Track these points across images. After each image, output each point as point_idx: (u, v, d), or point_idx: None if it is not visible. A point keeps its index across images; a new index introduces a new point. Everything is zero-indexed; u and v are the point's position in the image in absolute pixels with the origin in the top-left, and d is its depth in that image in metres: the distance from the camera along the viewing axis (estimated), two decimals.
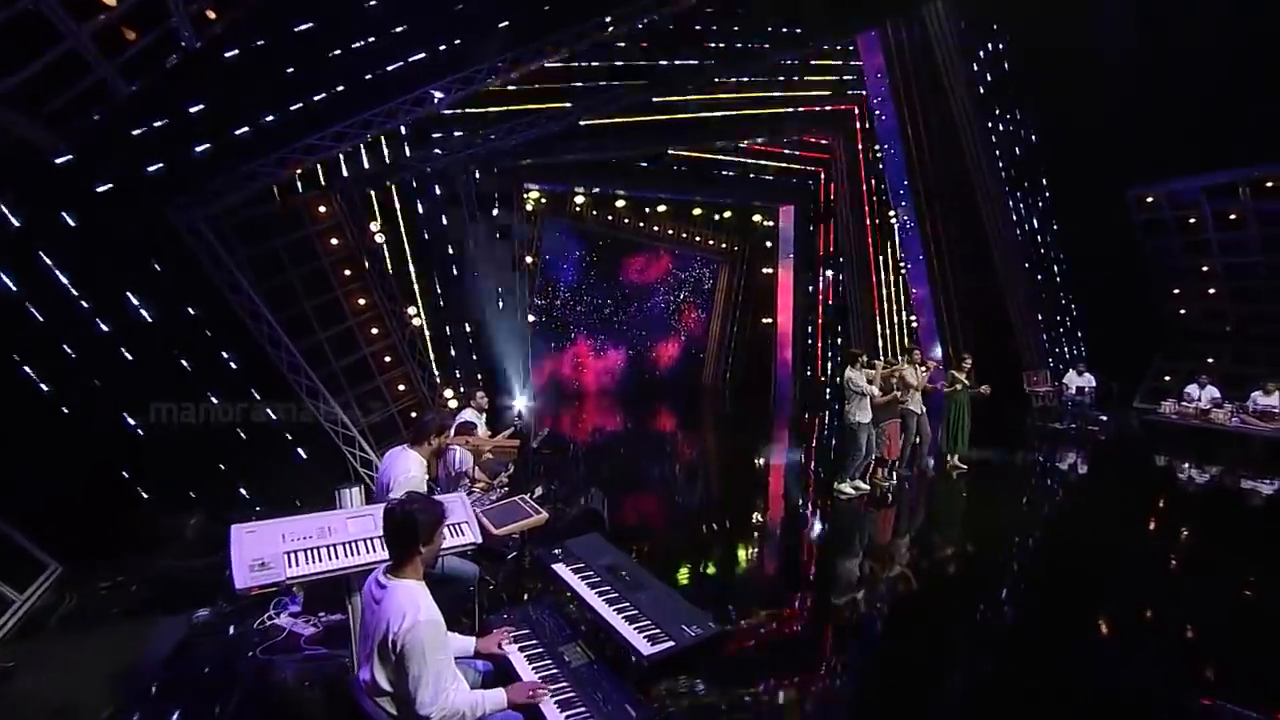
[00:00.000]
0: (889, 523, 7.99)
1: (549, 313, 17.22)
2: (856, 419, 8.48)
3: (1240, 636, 4.84)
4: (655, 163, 15.11)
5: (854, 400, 8.52)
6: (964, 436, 9.83)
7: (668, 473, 10.31)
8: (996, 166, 14.55)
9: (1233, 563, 6.32)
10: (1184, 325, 15.32)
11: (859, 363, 8.58)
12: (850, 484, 8.65)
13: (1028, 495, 9.19)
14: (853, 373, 8.57)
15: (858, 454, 8.53)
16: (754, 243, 18.64)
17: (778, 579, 6.41)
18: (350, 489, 4.45)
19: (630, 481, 9.71)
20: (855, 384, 8.47)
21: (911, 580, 6.21)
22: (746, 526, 7.68)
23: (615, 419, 14.88)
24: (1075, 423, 13.15)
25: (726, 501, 8.89)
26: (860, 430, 8.47)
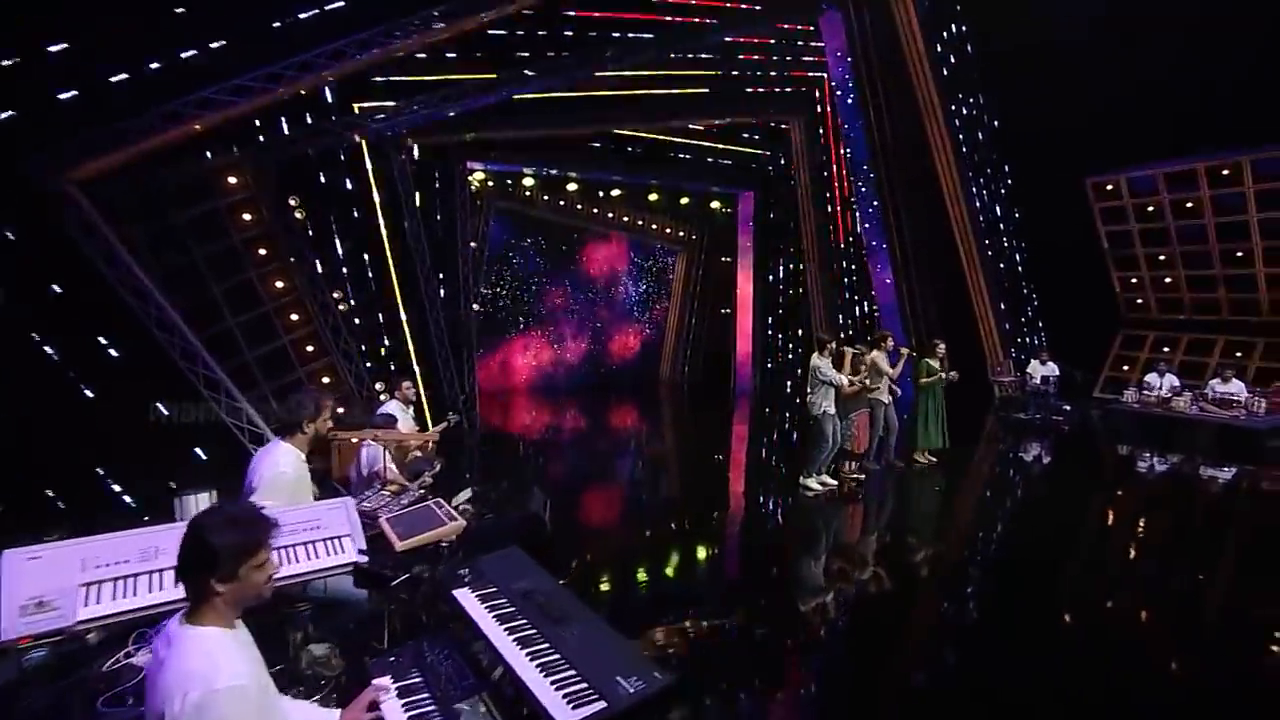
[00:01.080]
0: (857, 520, 7.38)
1: (496, 302, 16.25)
2: (822, 409, 7.85)
3: (1209, 630, 4.72)
4: (607, 144, 14.31)
5: (819, 390, 7.89)
6: (938, 428, 9.33)
7: (620, 470, 9.54)
8: (960, 152, 14.19)
9: (1197, 554, 6.20)
10: (1141, 314, 15.27)
11: (827, 350, 7.96)
12: (816, 479, 8.03)
13: (998, 489, 8.74)
14: (819, 360, 7.94)
15: (823, 447, 7.90)
16: (713, 230, 17.98)
17: (738, 583, 5.72)
18: (195, 495, 3.54)
19: (578, 481, 8.92)
20: (822, 373, 7.84)
21: (882, 581, 5.61)
22: (704, 528, 6.97)
23: (566, 413, 14.03)
24: (1039, 413, 12.88)
25: (683, 501, 8.17)
26: (825, 421, 7.84)
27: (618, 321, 18.25)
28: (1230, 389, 11.44)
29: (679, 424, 13.64)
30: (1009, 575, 5.71)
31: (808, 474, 8.07)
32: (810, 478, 8.03)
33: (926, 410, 9.32)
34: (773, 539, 6.85)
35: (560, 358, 17.38)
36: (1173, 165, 13.41)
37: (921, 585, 5.55)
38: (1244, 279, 13.70)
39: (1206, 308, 14.40)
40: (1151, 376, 12.56)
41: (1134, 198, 14.17)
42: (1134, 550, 6.51)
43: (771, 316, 17.14)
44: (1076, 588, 5.56)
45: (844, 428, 8.39)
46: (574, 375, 17.41)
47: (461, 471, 8.42)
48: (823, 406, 7.85)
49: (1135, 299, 15.27)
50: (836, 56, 14.74)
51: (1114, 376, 15.18)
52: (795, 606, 4.99)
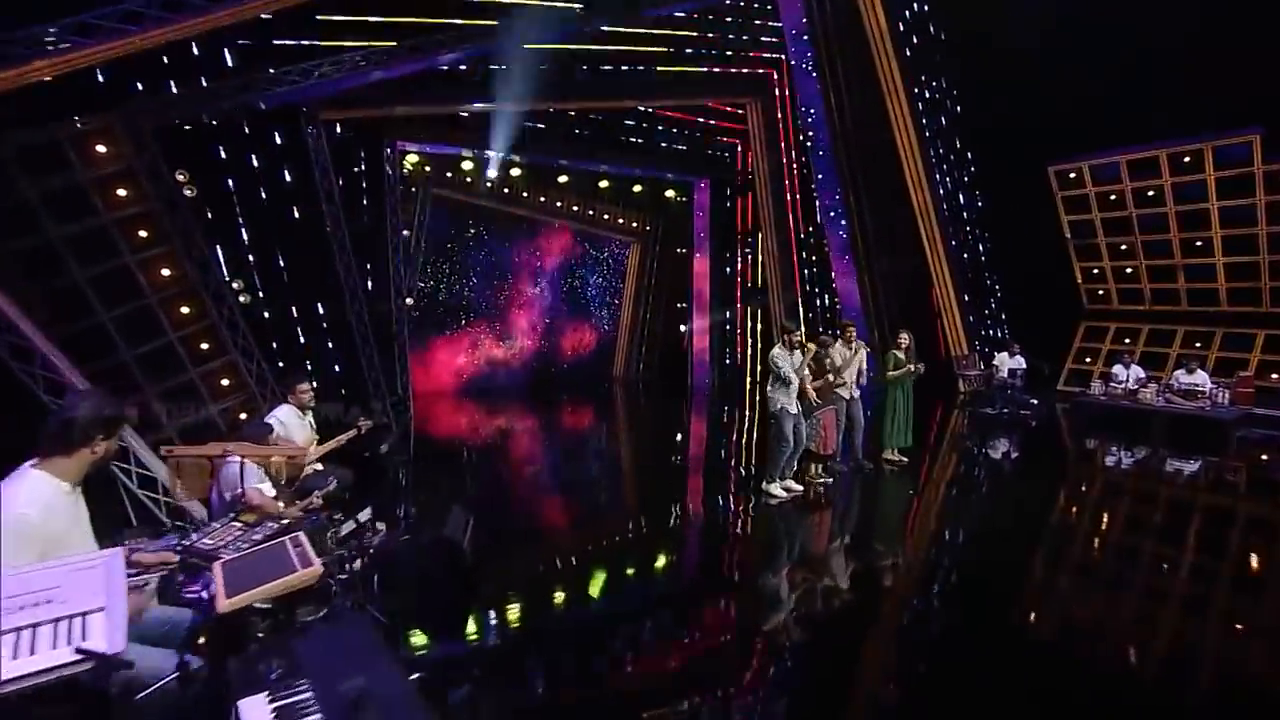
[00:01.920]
0: (825, 530, 6.58)
1: (436, 297, 15.04)
2: (780, 405, 7.01)
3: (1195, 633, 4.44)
4: (553, 126, 13.29)
5: (777, 385, 7.06)
6: (907, 425, 8.63)
7: (562, 481, 8.57)
8: (923, 136, 13.63)
9: (1179, 553, 5.89)
10: (1103, 305, 14.99)
11: (789, 340, 7.13)
12: (779, 484, 7.19)
13: (973, 491, 8.06)
14: (779, 351, 7.10)
15: (783, 448, 7.07)
16: (668, 220, 17.09)
17: (693, 603, 4.83)
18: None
19: (514, 494, 7.91)
20: (778, 364, 7.00)
21: (855, 601, 4.84)
22: (653, 548, 6.06)
23: (509, 416, 12.96)
24: (1007, 407, 12.38)
25: (630, 516, 7.24)
26: (784, 420, 7.00)
27: (568, 317, 17.21)
28: (1195, 380, 11.18)
29: (630, 426, 12.71)
30: (994, 588, 4.98)
31: (769, 478, 7.23)
32: (773, 483, 7.20)
33: (895, 406, 8.61)
34: (731, 554, 5.98)
35: (506, 356, 16.27)
36: (1135, 151, 13.08)
37: (900, 604, 4.75)
38: (1203, 269, 13.48)
39: (1166, 298, 14.17)
40: (1117, 368, 12.23)
41: (1096, 185, 13.82)
42: (1117, 552, 5.93)
43: (730, 310, 16.37)
44: (1059, 597, 4.97)
45: (809, 427, 7.60)
46: (522, 374, 16.31)
47: (380, 487, 7.33)
48: (780, 402, 7.02)
49: (1097, 289, 14.98)
50: (794, 35, 14.03)
51: (1077, 369, 14.86)
52: (758, 643, 4.12)
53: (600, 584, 5.20)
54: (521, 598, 4.88)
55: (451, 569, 5.00)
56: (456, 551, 5.06)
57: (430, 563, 5.09)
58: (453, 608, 4.68)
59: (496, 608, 4.72)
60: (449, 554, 5.04)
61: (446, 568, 5.00)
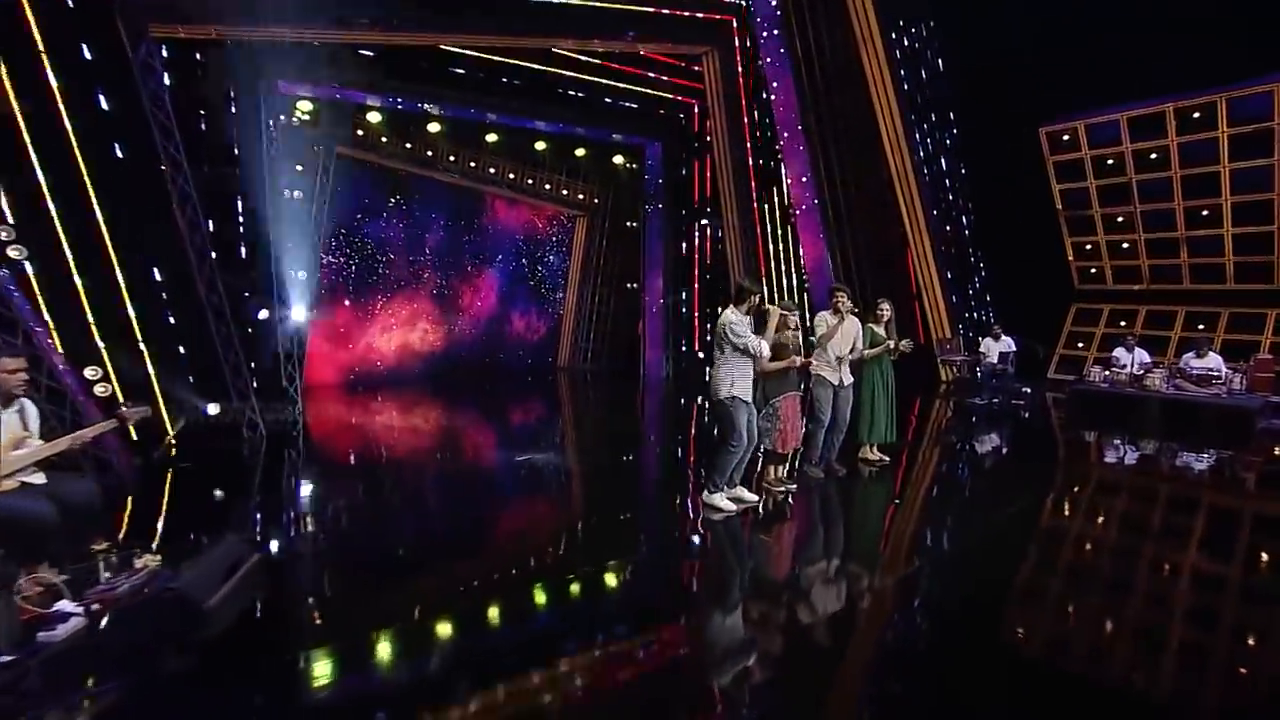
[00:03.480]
0: (783, 552, 4.83)
1: (341, 274, 12.98)
2: (729, 391, 5.25)
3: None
4: (476, 71, 11.37)
5: (729, 362, 5.29)
6: (888, 417, 6.94)
7: (453, 496, 6.68)
8: (901, 90, 12.00)
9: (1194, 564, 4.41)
10: (1097, 284, 13.57)
11: (747, 301, 5.36)
12: (724, 495, 5.43)
13: (966, 498, 6.38)
14: (731, 315, 5.33)
15: (732, 447, 5.30)
16: (617, 190, 15.24)
17: (589, 668, 3.02)
18: None
19: (374, 514, 6.02)
20: (734, 331, 5.23)
21: (816, 642, 3.14)
22: (552, 580, 4.22)
23: (417, 414, 11.00)
24: (997, 396, 10.84)
25: (528, 539, 5.40)
26: (736, 411, 5.24)
27: (509, 300, 15.26)
28: (1208, 364, 9.80)
29: (560, 423, 10.85)
30: (998, 627, 3.27)
31: (712, 487, 5.46)
32: (716, 493, 5.43)
33: (874, 392, 6.91)
34: (657, 592, 4.16)
35: (429, 344, 14.27)
36: (1138, 107, 11.62)
37: (878, 651, 3.01)
38: (1209, 242, 12.10)
39: (1166, 275, 12.78)
40: (1119, 352, 10.76)
41: (1093, 148, 12.36)
42: (1137, 570, 4.31)
43: (685, 291, 14.59)
44: (1077, 636, 3.32)
45: (763, 419, 5.86)
46: (446, 364, 14.32)
47: (154, 507, 5.40)
48: (730, 386, 5.25)
49: (1090, 268, 13.55)
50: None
51: (1068, 355, 13.43)
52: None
53: (460, 646, 3.34)
54: (328, 675, 3.01)
55: (175, 638, 3.13)
56: (189, 612, 3.18)
57: (146, 629, 3.21)
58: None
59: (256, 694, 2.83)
60: (175, 617, 3.16)
61: (168, 636, 3.13)
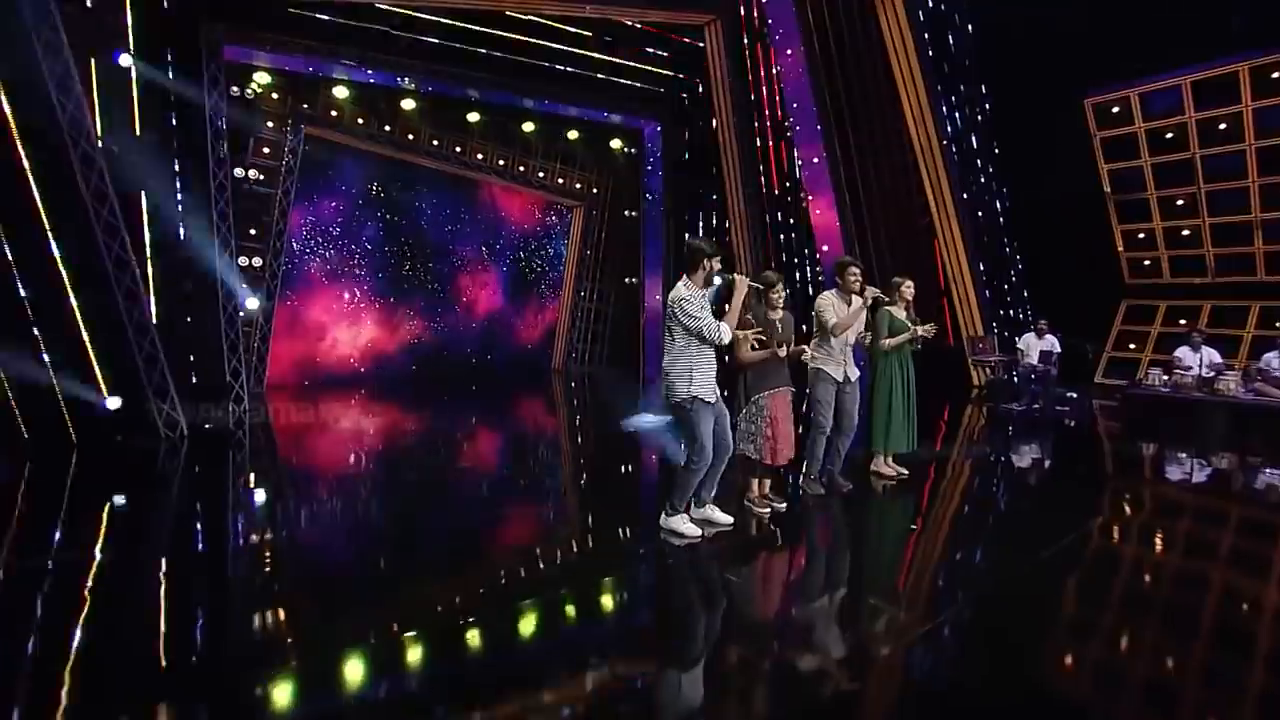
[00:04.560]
0: (757, 603, 3.58)
1: (310, 265, 12.01)
2: (690, 391, 4.05)
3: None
4: (451, 38, 10.35)
5: (685, 352, 4.10)
6: (907, 422, 5.67)
7: (395, 519, 5.55)
8: (925, 55, 10.68)
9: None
10: (1151, 278, 12.01)
11: (701, 268, 4.17)
12: (686, 517, 4.23)
13: (1002, 528, 5.03)
14: (683, 289, 4.15)
15: (695, 461, 4.11)
16: (615, 176, 14.10)
17: None
18: None
19: (285, 547, 4.91)
20: (685, 310, 4.05)
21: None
22: (484, 622, 3.03)
23: (380, 422, 9.90)
24: (1037, 402, 9.44)
25: (468, 569, 4.22)
26: (698, 414, 4.05)
27: (495, 298, 14.21)
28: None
29: (533, 434, 9.68)
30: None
31: (670, 508, 4.26)
32: (674, 515, 4.23)
33: (892, 392, 5.65)
34: (598, 644, 2.95)
35: (413, 343, 13.26)
36: (1203, 69, 10.12)
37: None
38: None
39: (1236, 265, 11.19)
40: (1183, 351, 9.29)
41: (1148, 120, 10.86)
42: (1219, 622, 2.95)
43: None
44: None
45: (746, 418, 4.66)
46: (433, 366, 13.29)
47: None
48: (689, 384, 4.07)
49: (1143, 259, 12.00)
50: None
51: (1119, 357, 11.89)
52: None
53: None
54: None
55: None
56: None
57: None
58: None
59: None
60: None
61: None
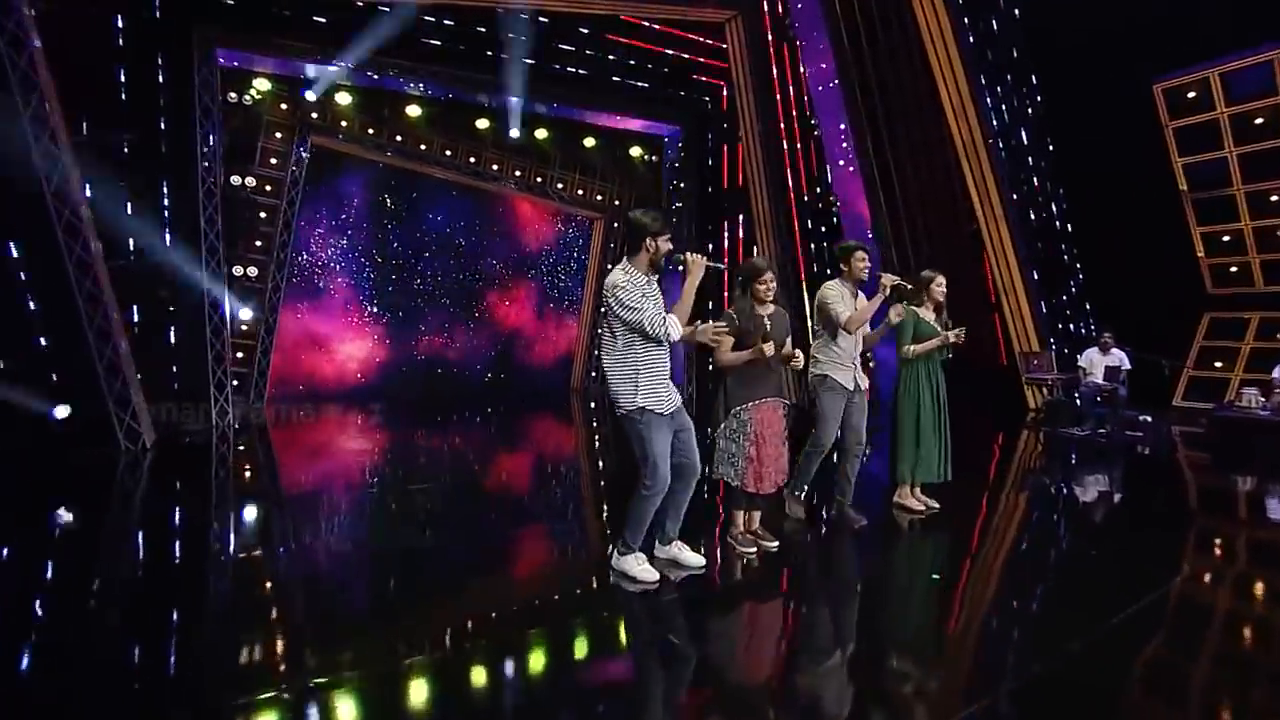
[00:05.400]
0: (727, 678, 2.66)
1: (323, 279, 11.68)
2: (637, 400, 3.23)
3: None
4: (454, 39, 9.94)
5: (627, 353, 3.30)
6: (938, 445, 4.70)
7: (329, 557, 4.86)
8: (966, 43, 9.72)
9: None
10: (1240, 286, 10.54)
11: (644, 249, 3.40)
12: (637, 558, 3.39)
13: (1052, 572, 3.95)
14: (620, 274, 3.35)
15: (648, 487, 3.30)
16: (635, 185, 13.42)
17: None
18: None
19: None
20: (621, 299, 3.25)
21: None
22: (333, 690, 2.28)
23: (365, 440, 9.30)
24: (1103, 426, 8.20)
25: (391, 620, 3.45)
26: (649, 429, 3.24)
27: (513, 314, 13.65)
28: None
29: (529, 460, 8.93)
30: None
31: (623, 546, 3.44)
32: (627, 554, 3.41)
33: (918, 408, 4.70)
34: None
35: (424, 360, 12.78)
36: None
37: None
38: None
39: None
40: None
41: (1232, 105, 9.57)
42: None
43: (711, 301, 12.51)
44: None
45: (725, 435, 3.85)
46: (445, 384, 12.76)
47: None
48: (634, 391, 3.30)
49: (1229, 265, 10.55)
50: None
51: (1202, 375, 10.43)
52: None
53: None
54: None
55: None
56: None
57: None
58: None
59: None
60: None
61: None
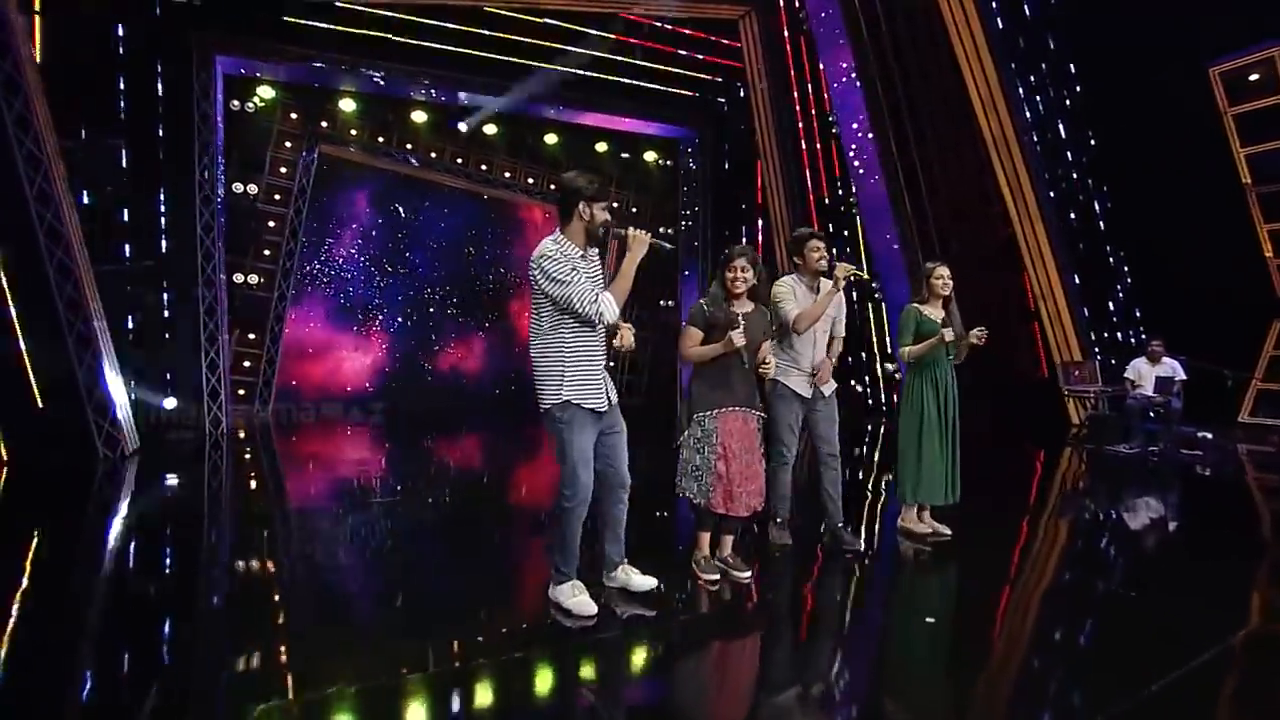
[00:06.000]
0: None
1: (331, 287, 11.55)
2: (562, 393, 2.80)
3: None
4: (454, 40, 9.75)
5: (554, 337, 2.87)
6: (945, 464, 4.10)
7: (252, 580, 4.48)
8: (995, 34, 9.06)
9: None
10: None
11: (577, 216, 2.98)
12: (572, 586, 2.91)
13: (1092, 618, 3.24)
14: (550, 244, 2.92)
15: (567, 498, 2.83)
16: (651, 192, 13.02)
17: None
18: None
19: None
20: (548, 271, 2.82)
21: None
22: None
23: (360, 451, 8.99)
24: (1157, 445, 7.35)
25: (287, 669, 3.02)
26: (572, 427, 2.83)
27: (526, 323, 13.30)
28: None
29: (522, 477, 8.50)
30: None
31: (556, 573, 2.95)
32: (563, 582, 2.93)
33: (921, 420, 4.11)
34: None
35: (433, 370, 12.54)
36: None
37: None
38: None
39: None
40: None
41: None
42: None
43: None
44: None
45: (689, 446, 3.38)
46: (453, 395, 12.49)
47: None
48: (560, 382, 2.86)
49: None
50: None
51: (1272, 389, 9.39)
52: None
53: None
54: None
55: None
56: None
57: None
58: None
59: None
60: None
61: None
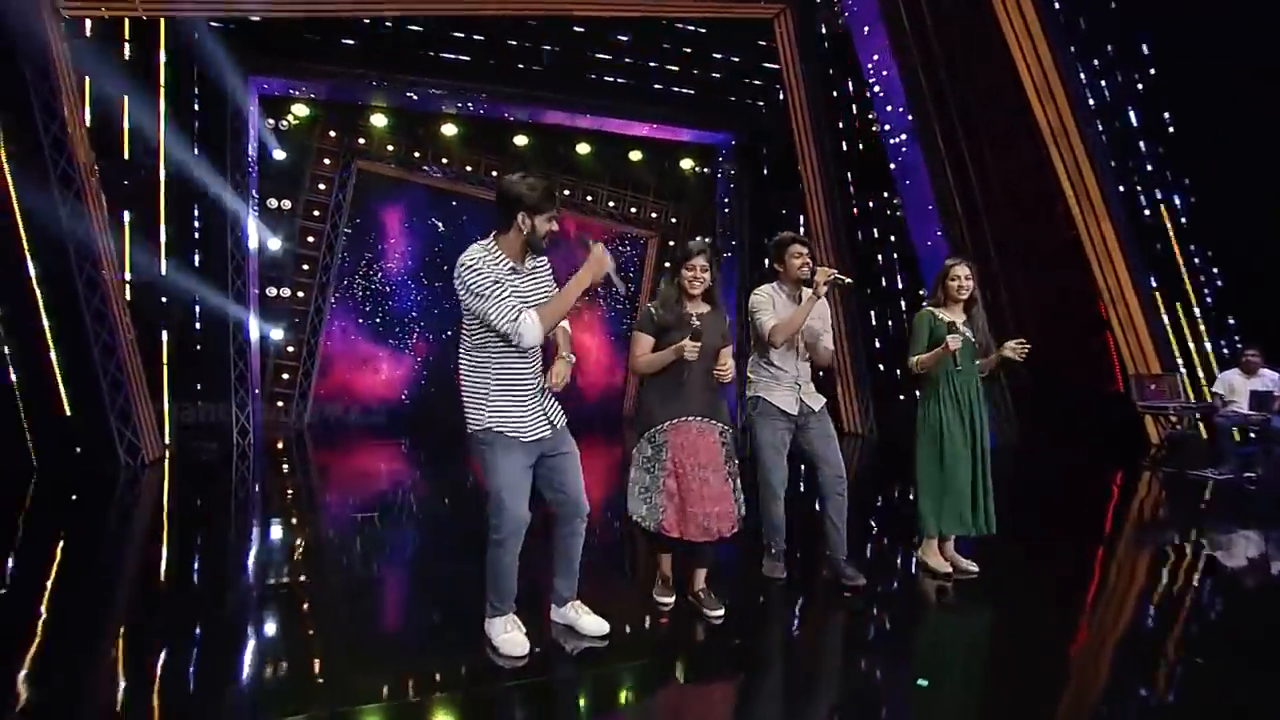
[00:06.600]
0: None
1: (370, 304, 11.67)
2: (485, 419, 2.42)
3: None
4: (481, 53, 9.74)
5: (480, 356, 2.50)
6: (975, 491, 3.55)
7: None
8: (1050, 15, 8.36)
9: None
10: None
11: (520, 224, 2.58)
12: (506, 620, 2.51)
13: (1116, 708, 2.58)
14: (477, 250, 2.55)
15: (495, 530, 2.47)
16: (688, 200, 12.66)
17: None
18: None
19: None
20: (470, 283, 2.41)
21: None
22: None
23: (389, 469, 8.84)
24: (1254, 471, 6.45)
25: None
26: (497, 454, 2.41)
27: (583, 338, 13.20)
28: None
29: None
30: None
31: (490, 609, 2.59)
32: (496, 616, 2.57)
33: (940, 440, 3.57)
34: None
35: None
36: None
37: None
38: None
39: None
40: None
41: None
42: None
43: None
44: None
45: (640, 465, 3.02)
46: None
47: None
48: (485, 407, 2.52)
49: None
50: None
51: None
52: None
53: None
54: None
55: None
56: None
57: None
58: None
59: None
60: None
61: None
